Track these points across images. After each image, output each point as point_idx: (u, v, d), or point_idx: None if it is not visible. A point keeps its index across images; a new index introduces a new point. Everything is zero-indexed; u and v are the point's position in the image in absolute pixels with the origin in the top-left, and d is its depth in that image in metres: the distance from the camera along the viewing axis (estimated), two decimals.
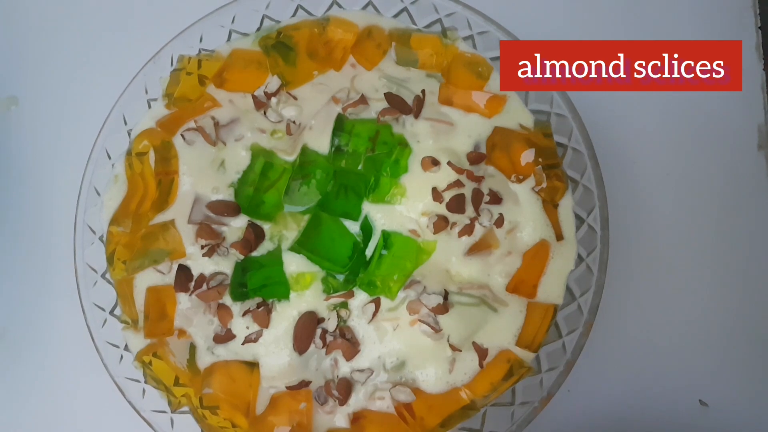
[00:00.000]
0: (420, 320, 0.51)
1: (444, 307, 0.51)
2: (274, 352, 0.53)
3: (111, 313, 0.55)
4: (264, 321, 0.53)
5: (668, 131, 0.61)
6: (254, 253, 0.54)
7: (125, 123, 0.56)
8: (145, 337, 0.54)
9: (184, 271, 0.54)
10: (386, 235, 0.53)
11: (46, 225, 0.63)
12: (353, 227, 0.54)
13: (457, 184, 0.53)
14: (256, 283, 0.53)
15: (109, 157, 0.56)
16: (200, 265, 0.54)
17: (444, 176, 0.53)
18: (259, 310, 0.53)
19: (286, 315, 0.53)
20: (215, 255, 0.54)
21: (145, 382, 0.53)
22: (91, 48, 0.65)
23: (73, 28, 0.66)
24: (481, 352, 0.52)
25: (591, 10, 0.63)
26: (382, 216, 0.53)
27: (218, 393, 0.52)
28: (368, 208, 0.54)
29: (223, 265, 0.54)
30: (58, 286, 0.60)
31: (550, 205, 0.54)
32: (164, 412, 0.53)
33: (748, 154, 0.61)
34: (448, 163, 0.53)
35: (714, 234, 0.59)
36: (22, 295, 0.62)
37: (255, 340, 0.53)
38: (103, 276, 0.55)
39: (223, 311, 0.53)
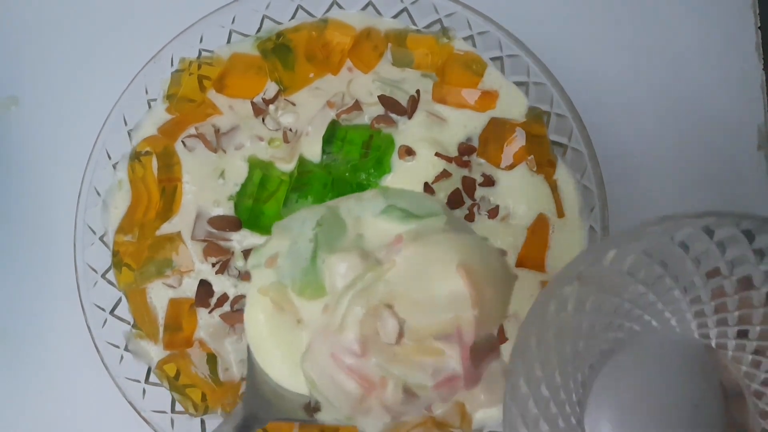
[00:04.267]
0: None
1: None
2: None
3: (111, 313, 0.55)
4: None
5: (668, 131, 0.61)
6: None
7: (125, 123, 0.56)
8: (164, 348, 0.54)
9: (204, 287, 0.54)
10: None
11: (46, 225, 0.63)
12: None
13: (444, 174, 0.53)
14: None
15: (110, 158, 0.56)
16: (221, 282, 0.54)
17: (431, 168, 0.53)
18: None
19: None
20: (229, 275, 0.54)
21: (171, 389, 0.53)
22: (91, 48, 0.65)
23: (74, 27, 0.66)
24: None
25: (591, 10, 0.63)
26: None
27: None
28: None
29: (246, 288, 0.54)
30: (58, 286, 0.60)
31: (549, 181, 0.54)
32: (164, 412, 0.53)
33: (748, 154, 0.61)
34: (436, 153, 0.53)
35: None
36: (22, 295, 0.62)
37: None
38: (103, 276, 0.55)
39: None
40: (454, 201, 0.53)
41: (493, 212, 0.53)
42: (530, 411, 0.37)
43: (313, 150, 0.54)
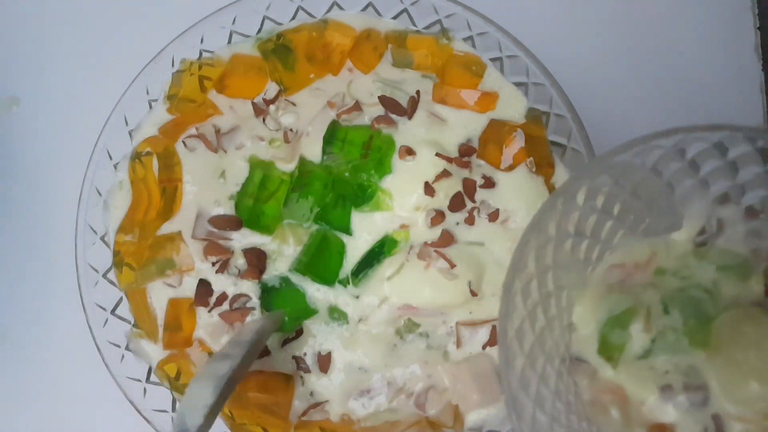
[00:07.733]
0: (434, 249, 0.52)
1: (449, 237, 0.52)
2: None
3: (112, 312, 0.55)
4: (325, 366, 0.53)
5: None
6: (266, 276, 0.54)
7: (126, 124, 0.56)
8: (164, 348, 0.54)
9: (204, 286, 0.54)
10: (383, 243, 0.53)
11: (47, 225, 0.63)
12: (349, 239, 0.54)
13: (445, 173, 0.53)
14: (292, 316, 0.54)
15: (111, 158, 0.56)
16: (220, 281, 0.54)
17: (431, 168, 0.53)
18: (323, 355, 0.53)
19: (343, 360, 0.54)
20: (228, 274, 0.54)
21: (171, 388, 0.54)
22: (92, 49, 0.65)
23: (75, 28, 0.66)
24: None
25: (590, 12, 0.63)
26: (370, 224, 0.54)
27: (254, 400, 0.53)
28: (359, 219, 0.54)
29: (245, 287, 0.54)
30: (59, 285, 0.61)
31: (548, 183, 0.54)
32: (165, 411, 0.53)
33: None
34: (437, 154, 0.53)
35: None
36: (23, 295, 0.62)
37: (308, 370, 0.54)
38: (104, 276, 0.55)
39: None
40: (456, 204, 0.53)
41: (494, 216, 0.53)
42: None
43: (313, 150, 0.55)
